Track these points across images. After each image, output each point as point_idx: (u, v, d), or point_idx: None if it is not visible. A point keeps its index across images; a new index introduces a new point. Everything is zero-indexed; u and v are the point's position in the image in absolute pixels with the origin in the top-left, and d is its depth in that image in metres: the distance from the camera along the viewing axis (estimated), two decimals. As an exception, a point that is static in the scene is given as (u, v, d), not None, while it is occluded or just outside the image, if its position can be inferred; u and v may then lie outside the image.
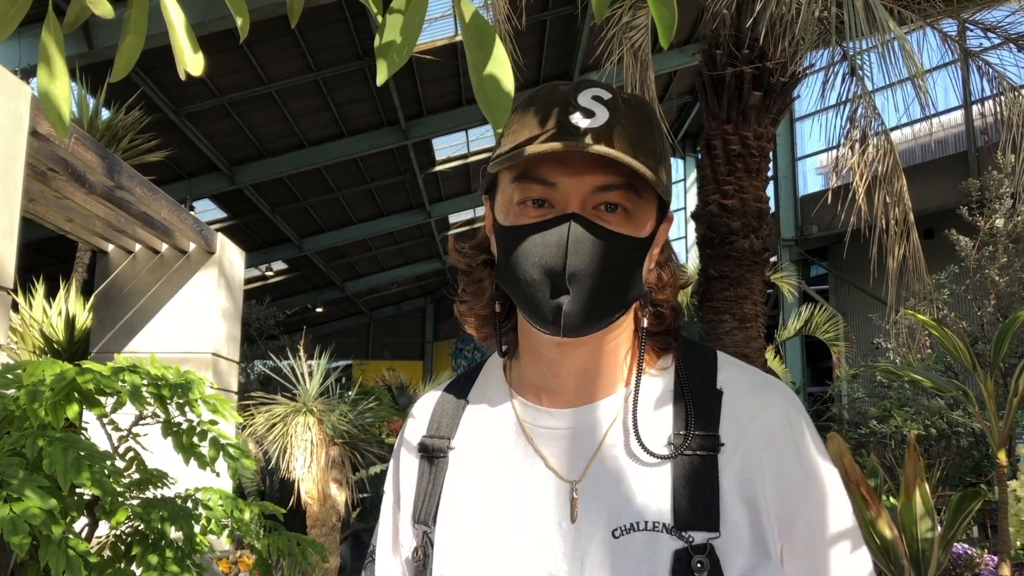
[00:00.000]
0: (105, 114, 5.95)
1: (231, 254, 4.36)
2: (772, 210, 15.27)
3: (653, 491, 0.83)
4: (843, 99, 4.54)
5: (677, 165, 19.35)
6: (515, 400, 0.93)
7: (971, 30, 4.87)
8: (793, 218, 14.34)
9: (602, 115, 0.79)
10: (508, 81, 0.64)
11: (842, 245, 5.37)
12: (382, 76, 0.66)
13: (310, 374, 4.86)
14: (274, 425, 4.58)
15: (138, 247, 4.14)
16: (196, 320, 4.07)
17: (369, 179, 14.55)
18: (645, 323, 0.89)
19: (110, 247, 4.15)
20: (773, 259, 13.16)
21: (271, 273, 18.05)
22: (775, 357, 11.15)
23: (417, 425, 0.99)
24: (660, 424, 0.86)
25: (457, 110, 12.49)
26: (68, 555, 1.43)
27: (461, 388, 0.99)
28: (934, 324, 2.09)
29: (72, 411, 1.49)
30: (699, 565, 0.79)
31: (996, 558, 2.28)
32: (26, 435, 1.46)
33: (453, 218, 19.03)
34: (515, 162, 0.80)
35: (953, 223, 7.97)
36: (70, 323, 4.44)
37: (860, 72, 4.50)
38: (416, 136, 12.34)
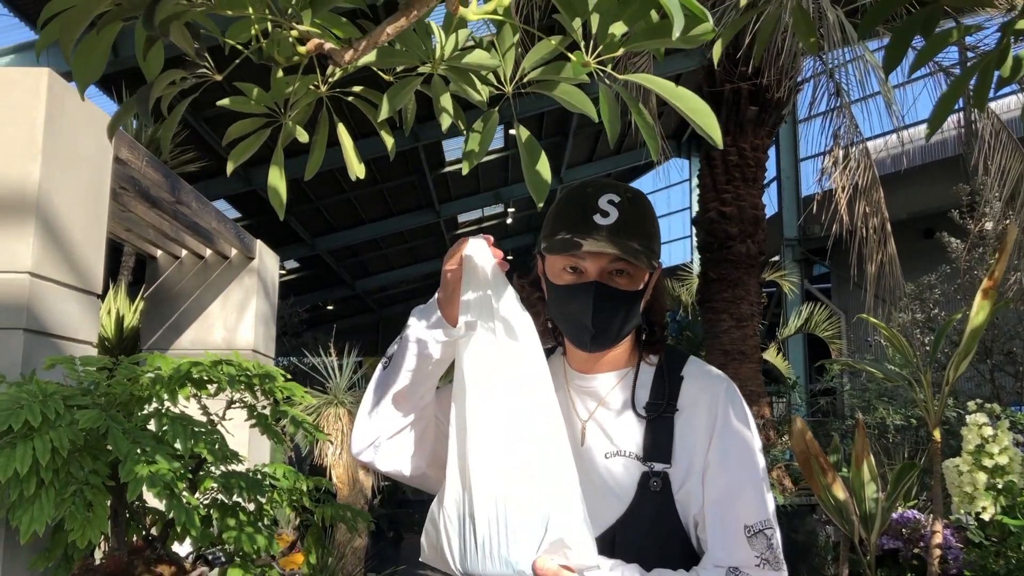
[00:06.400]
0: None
1: (268, 259, 4.75)
2: (776, 210, 15.43)
3: (631, 434, 1.31)
4: (829, 119, 4.90)
5: (682, 165, 19.70)
6: (567, 365, 1.42)
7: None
8: (796, 218, 14.60)
9: (613, 215, 1.26)
10: (547, 174, 1.02)
11: (842, 245, 5.72)
12: (465, 170, 1.04)
13: (340, 368, 5.26)
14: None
15: (184, 253, 4.53)
16: (237, 320, 4.46)
17: (380, 180, 14.91)
18: (644, 336, 1.39)
19: (158, 253, 4.54)
20: (775, 259, 13.47)
21: (283, 272, 18.38)
22: (778, 354, 11.50)
23: None
24: (643, 395, 1.35)
25: (467, 113, 12.80)
26: (186, 508, 1.81)
27: (548, 353, 1.45)
28: (883, 325, 2.46)
29: (185, 392, 1.87)
30: (654, 484, 1.26)
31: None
32: (151, 415, 1.85)
33: (462, 218, 19.39)
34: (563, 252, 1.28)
35: (949, 225, 8.28)
36: (119, 322, 4.83)
37: (845, 90, 4.85)
38: (427, 139, 12.69)
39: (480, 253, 1.25)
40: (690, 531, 1.28)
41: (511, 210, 19.60)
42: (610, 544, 1.26)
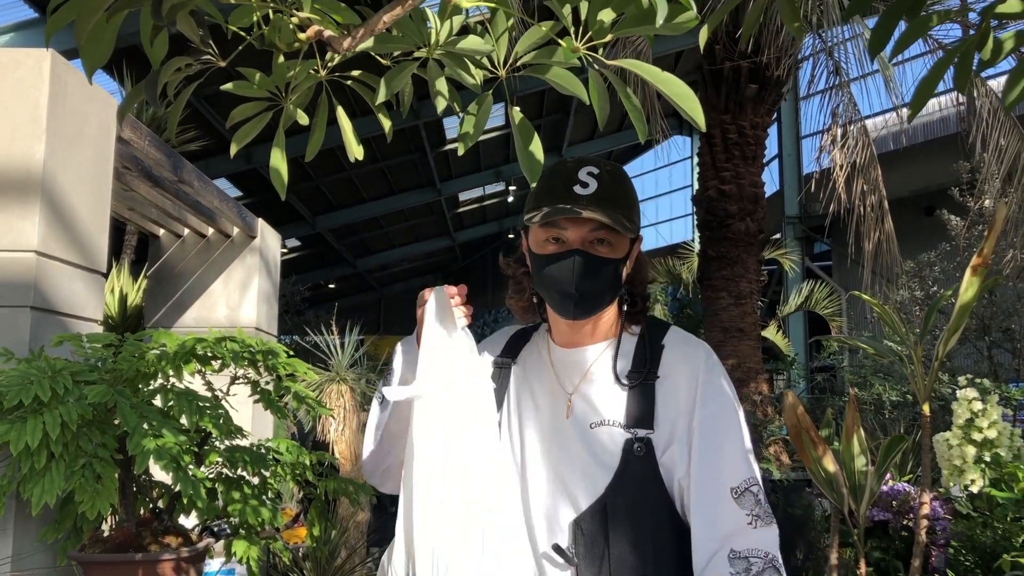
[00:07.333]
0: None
1: (269, 238, 4.78)
2: (777, 188, 15.33)
3: (615, 403, 1.36)
4: (827, 98, 4.91)
5: (684, 143, 19.63)
6: (550, 342, 1.47)
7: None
8: (797, 196, 14.58)
9: (593, 185, 1.30)
10: (540, 155, 1.05)
11: (841, 223, 5.75)
12: (461, 151, 1.08)
13: (341, 346, 5.32)
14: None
15: (186, 232, 4.56)
16: (239, 298, 4.51)
17: (381, 158, 14.90)
18: (625, 307, 1.42)
19: (161, 232, 4.57)
20: (776, 236, 13.48)
21: (284, 250, 18.42)
22: (778, 332, 11.55)
23: (500, 340, 1.52)
24: (625, 364, 1.39)
25: (462, 93, 12.75)
26: (192, 480, 1.86)
27: (530, 331, 1.52)
28: (875, 302, 2.50)
29: (191, 368, 1.92)
30: (638, 448, 1.31)
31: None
32: (157, 390, 1.89)
33: (463, 196, 19.37)
34: (545, 220, 1.32)
35: (950, 202, 8.31)
36: (122, 300, 4.88)
37: (844, 68, 4.86)
38: (427, 117, 12.67)
39: (438, 304, 1.31)
40: (675, 496, 1.32)
41: (512, 188, 19.58)
42: (602, 512, 1.30)
